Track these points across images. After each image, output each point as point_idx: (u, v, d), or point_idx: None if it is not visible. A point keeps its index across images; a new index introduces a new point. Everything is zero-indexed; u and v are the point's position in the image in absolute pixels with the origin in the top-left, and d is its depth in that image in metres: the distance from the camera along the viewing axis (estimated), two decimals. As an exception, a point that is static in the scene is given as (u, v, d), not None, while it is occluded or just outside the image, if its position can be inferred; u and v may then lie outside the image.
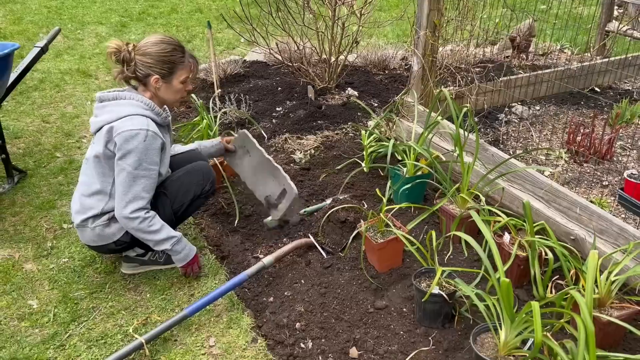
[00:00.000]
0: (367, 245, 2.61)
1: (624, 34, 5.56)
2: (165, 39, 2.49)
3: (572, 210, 2.55)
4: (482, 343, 2.00)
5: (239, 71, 4.99)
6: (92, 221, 2.50)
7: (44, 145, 3.91)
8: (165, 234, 2.48)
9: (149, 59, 2.43)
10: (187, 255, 2.58)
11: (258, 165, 2.98)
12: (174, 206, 2.63)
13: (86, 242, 2.58)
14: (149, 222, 2.44)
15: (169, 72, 2.48)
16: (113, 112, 2.42)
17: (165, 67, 2.46)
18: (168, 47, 2.46)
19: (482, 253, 2.04)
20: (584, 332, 1.52)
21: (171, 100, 2.58)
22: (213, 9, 7.41)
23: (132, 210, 2.40)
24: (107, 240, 2.53)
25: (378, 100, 4.41)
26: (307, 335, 2.32)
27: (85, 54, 5.68)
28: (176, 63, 2.48)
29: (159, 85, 2.49)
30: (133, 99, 2.46)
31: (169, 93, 2.53)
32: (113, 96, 2.47)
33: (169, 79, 2.49)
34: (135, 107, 2.44)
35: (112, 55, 2.45)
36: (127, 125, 2.37)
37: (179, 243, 2.53)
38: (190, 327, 2.39)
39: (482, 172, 2.92)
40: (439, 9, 3.29)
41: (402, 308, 2.40)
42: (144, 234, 2.45)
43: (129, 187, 2.40)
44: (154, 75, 2.45)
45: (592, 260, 1.66)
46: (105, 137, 2.40)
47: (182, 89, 2.56)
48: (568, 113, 4.26)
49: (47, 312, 2.47)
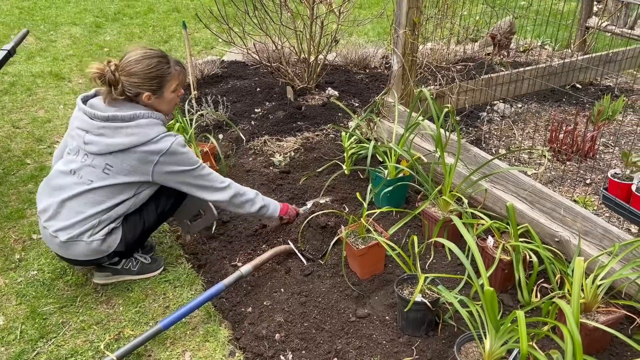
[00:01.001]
0: (348, 252, 2.53)
1: (604, 30, 5.56)
2: (147, 53, 2.38)
3: (556, 212, 2.50)
4: (466, 353, 1.93)
5: (217, 72, 4.88)
6: (89, 234, 2.38)
7: (14, 152, 3.77)
8: (259, 204, 2.66)
9: (136, 79, 2.35)
10: (276, 207, 2.74)
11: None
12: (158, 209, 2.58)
13: (75, 256, 2.42)
14: (242, 196, 2.59)
15: (159, 87, 2.40)
16: (139, 134, 2.32)
17: (154, 83, 2.38)
18: (152, 62, 2.37)
19: (465, 260, 1.97)
20: (570, 343, 1.46)
21: (166, 110, 2.52)
22: (190, 8, 7.28)
23: (230, 196, 2.53)
24: (100, 255, 2.44)
25: (359, 100, 4.33)
26: (287, 346, 2.24)
27: (59, 55, 5.52)
28: (164, 76, 2.40)
29: (151, 102, 2.41)
30: (151, 117, 2.38)
31: (163, 104, 2.47)
32: (130, 116, 2.33)
33: (160, 92, 2.42)
34: (158, 125, 2.40)
35: (96, 79, 2.34)
36: (165, 146, 2.35)
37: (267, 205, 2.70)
38: (165, 342, 2.29)
39: (465, 173, 2.86)
40: (418, 6, 3.22)
41: (384, 316, 2.33)
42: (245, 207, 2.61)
43: (208, 185, 2.49)
44: (145, 93, 2.38)
45: (578, 267, 1.60)
46: (143, 161, 2.34)
47: (174, 98, 2.51)
48: (550, 110, 4.23)
49: (13, 329, 2.36)
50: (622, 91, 4.60)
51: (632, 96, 4.50)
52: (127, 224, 2.49)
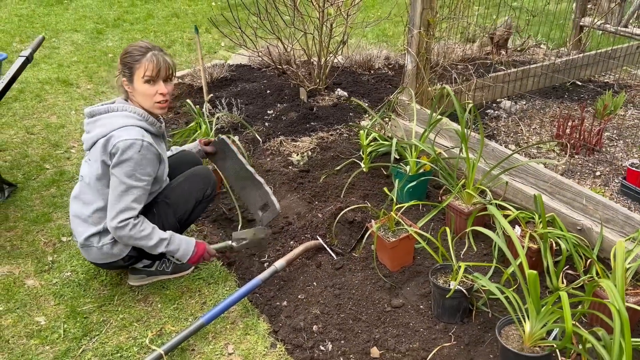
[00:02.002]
0: (378, 245, 2.61)
1: (598, 28, 5.73)
2: (133, 43, 2.45)
3: (577, 201, 2.60)
4: (506, 335, 2.02)
5: (226, 75, 4.94)
6: (97, 239, 2.44)
7: (32, 157, 3.79)
8: (157, 237, 2.41)
9: (119, 64, 2.44)
10: (187, 250, 2.49)
11: (241, 173, 2.92)
12: (177, 214, 2.59)
13: (93, 260, 2.51)
14: (139, 227, 2.37)
15: (130, 73, 2.40)
16: (106, 125, 2.36)
17: (126, 69, 2.41)
18: (128, 49, 2.41)
19: (504, 245, 2.07)
20: (618, 319, 1.55)
21: (147, 106, 2.45)
22: (189, 14, 7.32)
23: (120, 220, 2.33)
24: (115, 258, 2.48)
25: (368, 100, 4.42)
26: (325, 337, 2.31)
27: (63, 62, 5.54)
28: (132, 63, 2.38)
29: (129, 89, 2.44)
30: (125, 109, 2.40)
31: (139, 96, 2.42)
32: (105, 109, 2.41)
33: (131, 79, 2.39)
34: (129, 117, 2.38)
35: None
36: (122, 135, 2.30)
37: (172, 242, 2.45)
38: (207, 336, 2.35)
39: (483, 167, 2.96)
40: (432, 7, 3.32)
41: (419, 305, 2.42)
42: (137, 240, 2.38)
43: (120, 197, 2.33)
44: (122, 78, 2.44)
45: (620, 248, 1.69)
46: (102, 152, 2.33)
47: (149, 91, 2.40)
48: (553, 106, 4.36)
49: (56, 328, 2.40)
50: (622, 87, 4.74)
51: (631, 91, 4.65)
52: None
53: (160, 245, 2.42)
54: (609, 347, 1.66)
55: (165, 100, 2.45)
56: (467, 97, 3.86)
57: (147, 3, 7.77)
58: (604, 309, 2.01)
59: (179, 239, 2.49)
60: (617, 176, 3.28)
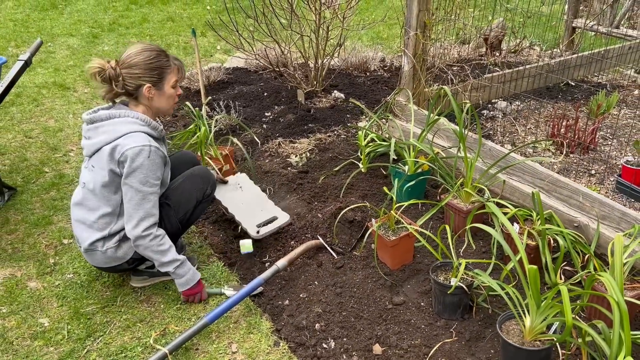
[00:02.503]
0: (379, 243, 2.64)
1: (590, 29, 5.80)
2: (146, 46, 2.42)
3: (574, 199, 2.65)
4: (507, 330, 2.05)
5: (222, 78, 4.97)
6: (102, 244, 2.45)
7: (31, 161, 3.80)
8: (171, 256, 2.42)
9: (137, 70, 2.36)
10: (189, 281, 2.48)
11: (251, 199, 3.04)
12: (179, 215, 2.60)
13: (97, 264, 2.52)
14: (159, 241, 2.39)
15: (159, 79, 2.40)
16: (109, 132, 2.35)
17: (154, 74, 2.38)
18: (152, 54, 2.39)
19: (503, 241, 2.10)
20: (617, 312, 1.59)
21: (166, 108, 2.52)
22: (185, 18, 7.34)
23: (144, 228, 2.35)
24: (119, 261, 2.49)
25: (364, 102, 4.46)
26: (328, 335, 2.34)
27: (60, 66, 5.55)
28: (164, 68, 2.41)
29: (151, 94, 2.42)
30: (128, 116, 2.39)
31: (163, 100, 2.47)
32: (106, 115, 2.39)
33: (160, 85, 2.42)
34: (132, 124, 2.38)
35: (96, 75, 2.35)
36: (129, 143, 2.31)
37: (183, 266, 2.45)
38: (210, 335, 2.37)
39: (481, 166, 3.00)
40: (428, 9, 3.36)
41: (419, 302, 2.45)
42: (153, 252, 2.39)
43: (139, 205, 2.35)
44: (146, 85, 2.38)
45: (618, 242, 1.73)
46: (109, 160, 2.34)
47: (174, 94, 2.50)
48: (548, 106, 4.41)
49: (60, 329, 2.41)
50: (614, 87, 4.81)
51: (624, 91, 4.71)
52: None
53: (170, 265, 2.42)
54: (608, 339, 1.69)
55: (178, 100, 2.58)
56: (463, 98, 3.90)
57: (142, 7, 7.79)
58: (602, 303, 2.05)
59: (189, 267, 2.48)
60: (611, 174, 3.32)
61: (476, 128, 4.03)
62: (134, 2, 7.96)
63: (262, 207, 3.00)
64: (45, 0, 7.91)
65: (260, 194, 3.10)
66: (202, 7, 7.79)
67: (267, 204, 3.02)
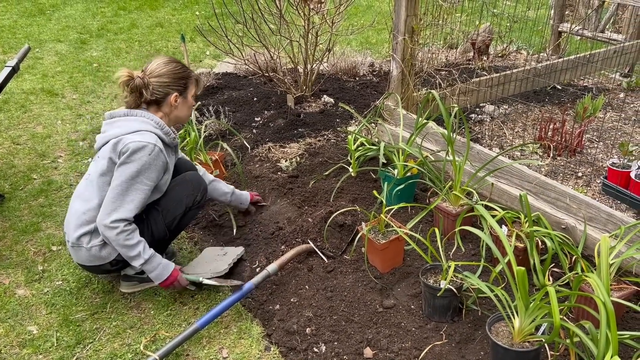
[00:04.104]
0: (369, 247, 2.65)
1: (576, 34, 5.87)
2: (170, 58, 2.60)
3: (561, 201, 2.67)
4: (496, 332, 2.07)
5: (212, 83, 4.97)
6: (88, 239, 2.44)
7: (18, 168, 3.78)
8: (137, 251, 2.40)
9: (166, 79, 2.52)
10: (160, 275, 2.46)
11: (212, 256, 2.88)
12: (167, 220, 2.59)
13: (81, 262, 2.51)
14: (126, 235, 2.37)
15: (184, 88, 2.58)
16: (122, 127, 2.43)
17: (181, 83, 2.56)
18: (178, 65, 2.58)
19: (492, 243, 2.12)
20: (604, 312, 1.61)
21: (185, 116, 2.68)
22: (174, 23, 7.34)
23: (114, 220, 2.34)
24: (102, 261, 2.48)
25: (354, 106, 4.47)
26: (319, 339, 2.34)
27: (47, 72, 5.52)
28: (189, 77, 2.60)
29: (177, 103, 2.56)
30: (144, 116, 2.49)
31: (185, 109, 2.63)
32: (124, 113, 2.49)
33: (185, 94, 2.59)
34: (146, 123, 2.47)
35: (124, 85, 2.47)
36: (135, 137, 2.38)
37: (150, 262, 2.43)
38: (201, 341, 2.37)
39: (469, 170, 3.02)
40: (416, 14, 3.39)
41: (410, 305, 2.46)
42: (120, 246, 2.38)
43: (119, 195, 2.36)
44: (173, 93, 2.53)
45: (604, 243, 1.75)
46: (111, 150, 2.39)
47: (193, 104, 2.69)
48: (535, 110, 4.46)
49: (48, 337, 2.40)
50: (600, 90, 4.87)
51: (609, 94, 4.77)
52: None
53: (137, 260, 2.41)
54: (595, 339, 1.71)
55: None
56: (451, 102, 3.93)
57: (131, 13, 7.77)
58: (590, 303, 2.07)
59: (158, 262, 2.46)
60: (598, 176, 3.36)
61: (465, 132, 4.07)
62: (123, 7, 7.95)
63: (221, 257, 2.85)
64: (33, 6, 7.88)
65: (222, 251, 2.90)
66: (191, 13, 7.80)
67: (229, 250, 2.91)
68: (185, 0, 8.39)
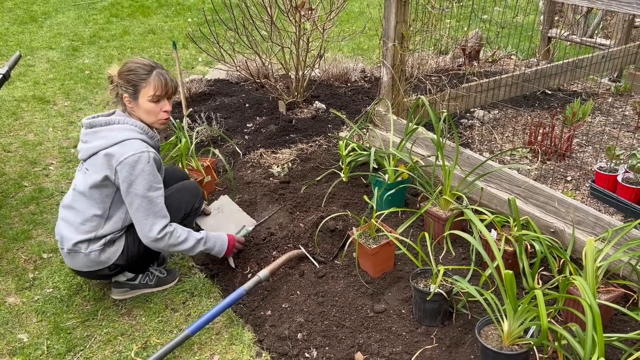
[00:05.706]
0: (360, 252, 2.66)
1: (565, 39, 5.93)
2: (135, 59, 2.54)
3: (550, 204, 2.70)
4: (485, 335, 2.08)
5: (204, 89, 4.98)
6: (86, 246, 2.44)
7: (9, 175, 3.77)
8: (194, 240, 2.53)
9: (120, 79, 2.51)
10: (222, 246, 2.66)
11: (227, 217, 3.05)
12: None
13: (78, 268, 2.51)
14: (176, 235, 2.47)
15: (134, 91, 2.50)
16: (107, 137, 2.42)
17: (129, 87, 2.49)
18: (132, 67, 2.50)
19: (481, 248, 2.14)
20: (590, 314, 1.62)
21: (149, 122, 2.56)
22: (166, 30, 7.35)
23: (159, 231, 2.42)
24: (101, 265, 2.48)
25: (345, 112, 4.50)
26: (310, 344, 2.35)
27: (39, 79, 5.51)
28: (138, 82, 2.48)
29: (131, 105, 2.52)
30: (127, 123, 2.48)
31: (142, 112, 2.53)
32: (105, 121, 2.48)
33: (136, 96, 2.50)
34: (130, 131, 2.46)
35: (108, 79, 2.57)
36: (126, 151, 2.37)
37: (208, 241, 2.60)
38: (192, 347, 2.37)
39: (459, 174, 3.04)
40: (405, 20, 3.42)
41: (400, 310, 2.47)
42: (175, 247, 2.49)
43: (147, 211, 2.41)
44: (125, 95, 2.51)
45: (590, 246, 1.77)
46: (105, 166, 2.39)
47: (155, 109, 2.51)
48: (525, 115, 4.49)
49: (39, 344, 2.39)
50: (589, 95, 4.91)
51: (598, 99, 4.82)
52: (130, 238, 2.54)
53: (198, 246, 2.56)
54: (582, 341, 1.73)
55: (167, 117, 2.58)
56: (441, 107, 3.96)
57: (123, 20, 7.78)
58: (577, 306, 2.09)
59: (213, 236, 2.64)
60: (587, 180, 3.39)
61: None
62: (115, 14, 7.96)
63: (235, 221, 3.01)
64: (25, 13, 7.87)
65: (237, 211, 3.10)
66: (183, 20, 7.81)
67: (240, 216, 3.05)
68: (178, 8, 8.41)
